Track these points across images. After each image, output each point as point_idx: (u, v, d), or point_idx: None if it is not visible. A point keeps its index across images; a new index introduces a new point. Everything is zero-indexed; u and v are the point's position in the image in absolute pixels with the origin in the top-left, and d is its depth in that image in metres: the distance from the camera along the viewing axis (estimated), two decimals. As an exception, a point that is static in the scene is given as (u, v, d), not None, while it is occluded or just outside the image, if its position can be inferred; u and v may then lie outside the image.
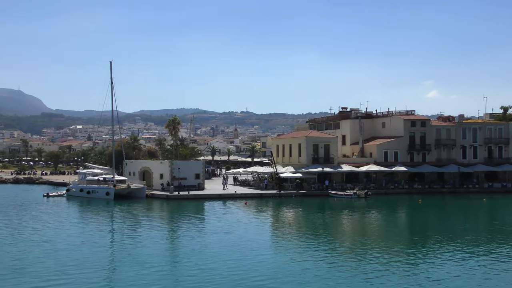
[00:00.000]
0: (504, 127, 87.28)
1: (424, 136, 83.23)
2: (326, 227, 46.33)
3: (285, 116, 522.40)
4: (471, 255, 32.32)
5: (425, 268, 28.80)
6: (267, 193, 72.30)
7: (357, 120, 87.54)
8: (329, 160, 77.97)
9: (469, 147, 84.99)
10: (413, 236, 42.32)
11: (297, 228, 45.53)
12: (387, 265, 29.29)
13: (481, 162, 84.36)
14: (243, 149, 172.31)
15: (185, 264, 29.58)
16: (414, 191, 77.51)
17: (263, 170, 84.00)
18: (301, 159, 79.48)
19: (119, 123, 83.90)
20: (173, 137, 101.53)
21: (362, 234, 42.98)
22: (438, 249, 34.79)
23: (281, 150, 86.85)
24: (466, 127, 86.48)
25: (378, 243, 37.13)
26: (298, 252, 33.16)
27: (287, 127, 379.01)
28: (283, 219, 52.22)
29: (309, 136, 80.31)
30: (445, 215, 57.57)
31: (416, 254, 33.56)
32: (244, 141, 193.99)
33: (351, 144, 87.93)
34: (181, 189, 70.90)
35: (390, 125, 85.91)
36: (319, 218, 52.97)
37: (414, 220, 53.26)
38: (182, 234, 41.48)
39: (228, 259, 30.56)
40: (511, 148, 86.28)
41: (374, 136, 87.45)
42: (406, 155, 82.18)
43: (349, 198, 68.58)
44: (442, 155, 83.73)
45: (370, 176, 79.65)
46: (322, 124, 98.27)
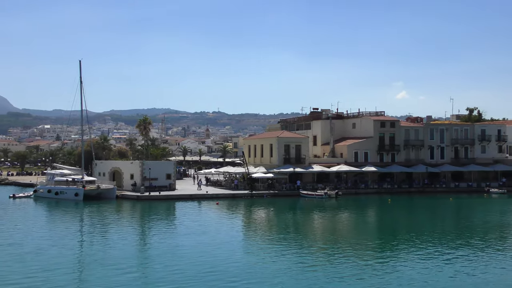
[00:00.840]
0: (469, 128, 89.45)
1: (393, 136, 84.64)
2: (298, 227, 46.65)
3: (257, 117, 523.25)
4: (439, 253, 33.01)
5: (396, 266, 29.29)
6: (238, 193, 72.33)
7: (328, 120, 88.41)
8: (300, 161, 78.52)
9: (437, 147, 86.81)
10: (383, 235, 42.99)
11: (269, 228, 45.70)
12: (358, 265, 29.68)
13: (448, 162, 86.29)
14: (214, 149, 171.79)
15: (156, 266, 29.33)
16: (384, 191, 78.74)
17: (235, 171, 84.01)
18: (273, 160, 79.80)
19: (88, 123, 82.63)
20: (144, 137, 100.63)
21: (333, 233, 43.42)
22: (408, 247, 35.43)
23: (253, 151, 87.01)
24: (434, 128, 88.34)
25: (349, 243, 37.57)
26: (270, 253, 33.27)
27: (259, 127, 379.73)
28: (255, 219, 52.34)
29: (280, 136, 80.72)
30: (414, 214, 58.68)
31: (386, 253, 34.11)
32: (216, 141, 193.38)
33: (322, 144, 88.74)
34: (152, 189, 70.29)
35: (361, 126, 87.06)
36: (291, 218, 53.29)
37: (384, 219, 54.10)
38: (153, 235, 41.14)
39: (200, 261, 30.43)
40: (476, 149, 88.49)
41: (344, 136, 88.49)
42: (376, 156, 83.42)
43: (320, 198, 69.20)
44: (410, 156, 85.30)
45: (340, 176, 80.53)
46: (293, 124, 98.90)
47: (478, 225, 48.24)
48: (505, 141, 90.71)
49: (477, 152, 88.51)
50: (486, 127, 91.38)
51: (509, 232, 44.21)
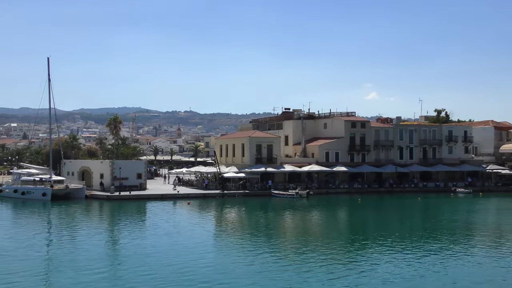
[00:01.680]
0: (437, 129, 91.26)
1: (364, 137, 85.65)
2: (270, 227, 46.74)
3: (228, 116, 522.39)
4: (408, 252, 33.55)
5: (366, 265, 29.65)
6: (210, 193, 72.09)
7: (300, 121, 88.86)
8: (272, 160, 78.74)
9: (406, 148, 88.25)
10: (354, 235, 43.48)
11: (241, 228, 45.70)
12: (329, 264, 29.93)
13: (417, 163, 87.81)
14: (186, 148, 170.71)
15: (127, 268, 28.94)
16: (354, 190, 79.60)
17: (206, 170, 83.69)
18: (244, 159, 79.80)
19: (57, 121, 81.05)
20: (114, 136, 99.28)
21: (305, 233, 43.67)
22: (378, 246, 35.91)
23: (225, 150, 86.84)
24: (403, 128, 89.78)
25: (320, 242, 37.83)
26: (243, 253, 33.25)
27: (230, 127, 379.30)
28: (226, 219, 52.26)
29: (252, 136, 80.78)
30: (383, 214, 59.54)
31: (357, 252, 34.52)
32: (188, 141, 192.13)
33: (294, 144, 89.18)
34: (122, 189, 69.42)
35: (332, 126, 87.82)
36: (262, 218, 53.40)
37: (354, 219, 54.71)
38: (123, 236, 40.62)
39: (171, 262, 30.15)
40: (444, 149, 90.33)
41: (316, 136, 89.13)
42: (346, 156, 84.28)
43: (291, 197, 69.53)
44: (380, 156, 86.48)
45: (312, 176, 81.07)
46: (265, 124, 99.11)
47: (446, 224, 49.24)
48: (471, 142, 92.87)
49: (444, 152, 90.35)
50: (453, 128, 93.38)
51: (475, 231, 45.25)
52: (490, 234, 43.63)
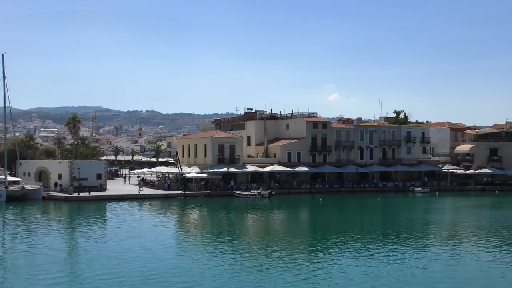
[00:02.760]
0: (396, 130, 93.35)
1: (325, 137, 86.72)
2: (232, 228, 46.69)
3: (191, 116, 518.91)
4: (368, 250, 34.18)
5: (328, 264, 30.01)
6: (172, 194, 71.49)
7: (262, 121, 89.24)
8: (234, 161, 78.73)
9: (366, 148, 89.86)
10: (316, 235, 43.97)
11: (203, 229, 45.50)
12: (292, 263, 30.15)
13: (376, 163, 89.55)
14: (148, 149, 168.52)
15: (87, 272, 28.24)
16: (316, 190, 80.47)
17: (168, 170, 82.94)
18: (207, 159, 79.50)
19: (12, 120, 78.62)
20: (73, 136, 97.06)
21: (267, 233, 43.85)
22: (339, 245, 36.43)
23: (187, 150, 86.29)
24: (364, 129, 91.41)
25: (282, 242, 38.08)
26: (205, 254, 33.09)
27: (193, 127, 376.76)
28: (189, 220, 51.93)
29: (214, 136, 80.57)
30: (344, 213, 60.49)
31: (319, 251, 34.94)
32: (149, 141, 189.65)
33: (256, 144, 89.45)
34: (82, 190, 67.97)
35: (294, 127, 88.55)
36: (225, 218, 53.31)
37: (316, 219, 55.27)
38: (82, 238, 39.71)
39: (133, 265, 29.60)
40: (403, 150, 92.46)
41: (278, 137, 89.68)
42: (308, 156, 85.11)
43: (254, 198, 69.71)
44: (341, 156, 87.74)
45: (274, 176, 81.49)
46: (228, 124, 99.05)
47: (404, 223, 50.48)
48: (428, 143, 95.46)
49: (403, 153, 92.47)
50: (412, 129, 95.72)
51: (432, 229, 46.54)
52: (446, 231, 44.95)
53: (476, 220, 52.93)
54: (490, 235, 41.93)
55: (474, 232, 44.33)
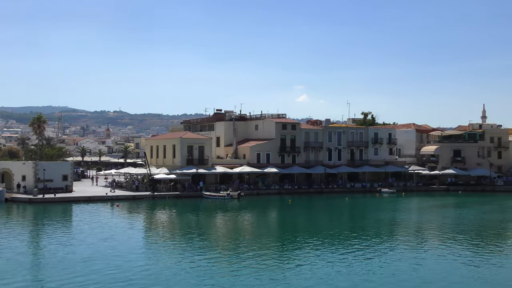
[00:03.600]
0: (364, 131, 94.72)
1: (294, 138, 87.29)
2: (201, 229, 46.48)
3: (160, 117, 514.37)
4: (337, 250, 34.59)
5: (296, 264, 30.24)
6: (140, 195, 70.68)
7: (231, 122, 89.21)
8: (203, 162, 78.43)
9: (334, 149, 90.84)
10: (285, 235, 44.19)
11: (172, 231, 45.15)
12: (261, 264, 30.22)
13: (345, 164, 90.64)
14: (115, 149, 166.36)
15: (52, 276, 27.55)
16: (285, 191, 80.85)
17: (136, 172, 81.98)
18: (175, 160, 78.95)
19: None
20: (38, 136, 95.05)
21: (237, 234, 43.81)
22: (308, 245, 36.75)
23: (155, 151, 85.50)
24: (332, 130, 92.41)
25: (252, 243, 38.11)
26: (174, 256, 32.84)
27: (162, 127, 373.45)
28: (157, 221, 51.44)
29: (183, 137, 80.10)
30: (313, 214, 61.00)
31: (288, 252, 35.12)
32: (117, 142, 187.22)
33: (225, 145, 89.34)
34: (47, 191, 66.51)
35: (263, 128, 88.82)
36: (194, 219, 53.05)
37: (285, 219, 55.57)
38: (48, 241, 38.75)
39: (100, 268, 29.08)
40: (370, 151, 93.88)
41: (247, 138, 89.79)
42: (277, 157, 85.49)
43: (223, 199, 69.58)
44: (310, 157, 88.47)
45: (243, 177, 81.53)
46: (197, 125, 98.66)
47: (371, 223, 51.28)
48: (395, 144, 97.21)
49: (370, 154, 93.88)
50: (379, 131, 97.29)
51: (399, 229, 47.37)
52: (412, 231, 45.89)
53: (441, 219, 54.17)
54: (454, 234, 42.98)
55: (439, 232, 45.38)
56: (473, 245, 38.19)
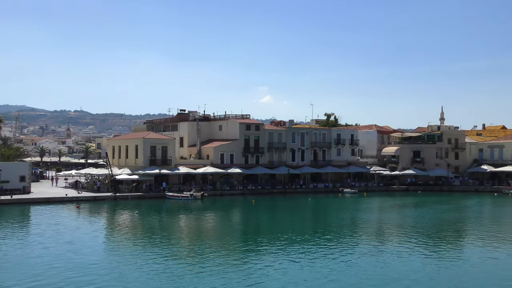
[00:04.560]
0: (327, 132, 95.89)
1: (258, 139, 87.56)
2: (164, 230, 46.03)
3: (122, 117, 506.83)
4: (299, 250, 34.84)
5: (259, 265, 30.29)
6: (101, 196, 69.42)
7: (195, 122, 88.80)
8: (166, 162, 77.74)
9: (298, 150, 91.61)
10: (248, 236, 44.24)
11: (134, 232, 44.50)
12: (225, 265, 30.17)
13: (308, 164, 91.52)
14: (76, 150, 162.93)
15: (8, 281, 26.78)
16: (248, 192, 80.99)
17: (98, 172, 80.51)
18: (138, 161, 77.93)
19: None
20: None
21: (200, 235, 43.62)
22: (271, 246, 36.82)
23: (117, 152, 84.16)
24: (295, 131, 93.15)
25: (215, 244, 38.02)
26: (136, 258, 32.37)
27: (124, 127, 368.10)
28: (119, 223, 50.60)
29: (146, 137, 79.17)
30: (277, 214, 61.30)
31: (251, 252, 35.13)
32: (78, 142, 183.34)
33: (189, 146, 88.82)
34: (3, 193, 64.51)
35: (227, 128, 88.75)
36: (156, 220, 52.47)
37: (248, 220, 55.64)
38: (4, 244, 37.51)
39: (60, 272, 28.29)
40: (333, 152, 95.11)
41: (211, 138, 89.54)
42: (241, 158, 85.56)
43: (186, 199, 69.15)
44: (274, 158, 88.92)
45: (207, 177, 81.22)
46: (160, 125, 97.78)
47: (334, 222, 51.95)
48: (357, 145, 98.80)
49: (333, 154, 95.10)
50: (341, 132, 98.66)
51: (360, 228, 48.16)
52: (374, 230, 46.77)
53: (401, 219, 55.38)
54: (414, 233, 44.00)
55: (400, 230, 46.33)
56: (432, 243, 39.22)
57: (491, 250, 36.01)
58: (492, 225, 50.17)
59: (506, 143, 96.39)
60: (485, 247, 37.25)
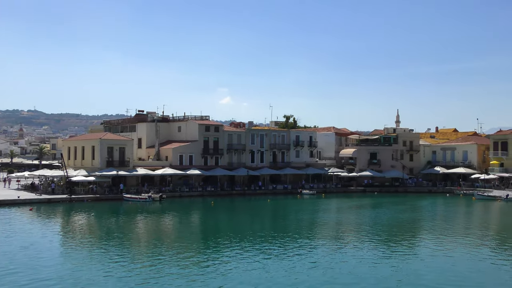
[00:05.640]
0: (286, 134, 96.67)
1: (218, 141, 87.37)
2: (121, 232, 45.23)
3: (78, 117, 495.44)
4: (258, 250, 34.98)
5: (219, 267, 30.24)
6: (56, 198, 67.64)
7: (154, 123, 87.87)
8: (124, 163, 76.53)
9: (257, 152, 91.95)
10: (206, 238, 44.09)
11: (90, 235, 43.57)
12: (183, 267, 29.96)
13: (267, 166, 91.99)
14: (29, 150, 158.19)
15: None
16: (207, 193, 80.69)
17: (52, 174, 78.42)
18: (95, 162, 76.38)
19: None
20: None
21: (158, 238, 43.10)
22: (230, 247, 36.84)
23: (73, 153, 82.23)
24: (255, 133, 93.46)
25: (173, 246, 37.70)
26: (93, 261, 31.75)
27: (80, 128, 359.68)
28: (74, 226, 49.44)
29: (103, 138, 77.69)
30: (236, 215, 61.30)
31: (209, 254, 35.00)
32: (31, 142, 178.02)
33: (147, 147, 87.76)
34: (-49, 195, 61.92)
35: (186, 130, 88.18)
36: (113, 223, 51.56)
37: (207, 221, 55.40)
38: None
39: (12, 279, 27.41)
40: (292, 153, 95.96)
41: (170, 139, 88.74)
42: (200, 159, 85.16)
43: (144, 201, 68.26)
44: (233, 159, 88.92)
45: (165, 179, 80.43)
46: (118, 126, 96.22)
47: (292, 223, 52.38)
48: (315, 147, 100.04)
49: (292, 156, 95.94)
50: (300, 134, 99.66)
51: (318, 229, 48.73)
52: (332, 230, 47.42)
53: (359, 219, 56.40)
54: (371, 232, 44.97)
55: (358, 230, 47.28)
56: (389, 242, 40.15)
57: (445, 248, 37.19)
58: (445, 224, 51.76)
59: (457, 146, 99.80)
60: (438, 245, 38.45)
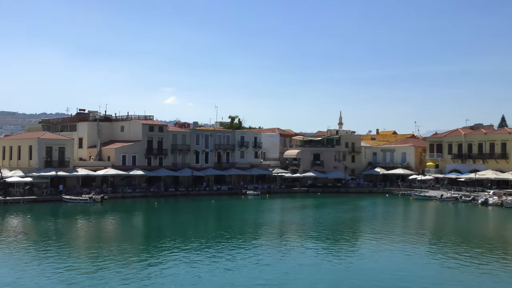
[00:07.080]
0: (231, 135, 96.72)
1: (162, 141, 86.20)
2: (60, 235, 43.74)
3: (15, 116, 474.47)
4: (201, 251, 34.77)
5: (161, 269, 29.82)
6: (-11, 200, 64.50)
7: (96, 122, 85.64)
8: (64, 164, 74.03)
9: (202, 152, 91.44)
10: (149, 239, 43.41)
11: (26, 239, 41.77)
12: (124, 269, 29.31)
13: (212, 167, 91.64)
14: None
15: None
16: (151, 194, 79.43)
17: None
18: (32, 162, 73.42)
19: None
20: None
21: (98, 240, 41.99)
22: (171, 248, 36.39)
23: (9, 152, 78.65)
24: (200, 133, 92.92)
25: (114, 248, 36.87)
26: (30, 266, 30.51)
27: (17, 127, 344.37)
28: (8, 229, 47.27)
29: (41, 137, 74.85)
30: (179, 217, 60.69)
31: (152, 256, 34.48)
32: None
33: (89, 147, 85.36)
34: None
35: (129, 129, 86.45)
36: (51, 225, 49.80)
37: (150, 223, 54.53)
38: None
39: None
40: (236, 154, 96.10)
41: (113, 139, 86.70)
42: (144, 159, 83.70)
43: (85, 202, 66.37)
44: (177, 160, 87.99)
45: (107, 180, 78.48)
46: (57, 125, 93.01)
47: (237, 224, 52.49)
48: (260, 148, 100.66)
49: (237, 157, 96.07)
50: (245, 134, 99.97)
51: (263, 229, 49.00)
52: (275, 230, 47.88)
53: (302, 219, 57.25)
54: (314, 231, 45.75)
55: (301, 230, 47.96)
56: (332, 240, 41.00)
57: (384, 245, 38.36)
58: (384, 223, 53.39)
59: (396, 148, 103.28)
60: (379, 243, 39.61)
